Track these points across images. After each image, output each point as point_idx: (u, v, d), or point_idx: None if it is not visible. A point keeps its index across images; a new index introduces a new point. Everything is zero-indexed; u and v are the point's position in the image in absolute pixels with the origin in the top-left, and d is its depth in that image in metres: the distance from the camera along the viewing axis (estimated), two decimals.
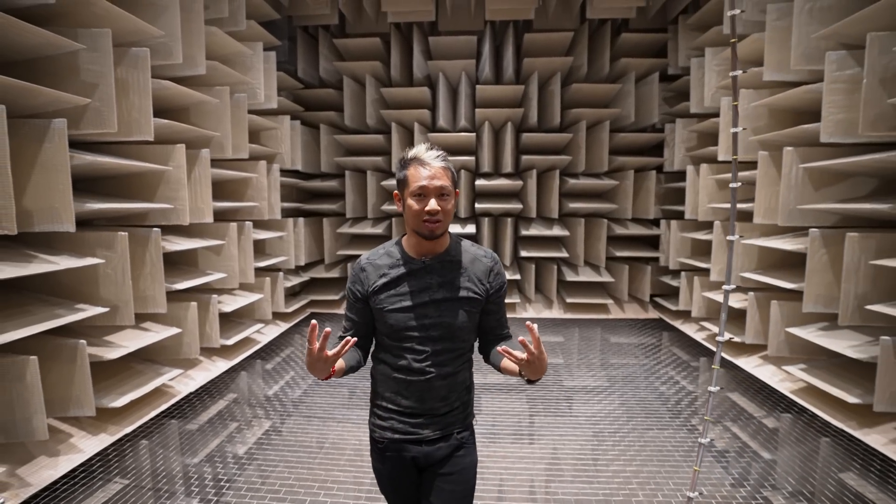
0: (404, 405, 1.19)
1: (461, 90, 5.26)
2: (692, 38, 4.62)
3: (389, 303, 1.16)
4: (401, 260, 1.18)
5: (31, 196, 2.16)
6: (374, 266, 1.19)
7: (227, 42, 3.65)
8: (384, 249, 1.22)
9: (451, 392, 1.21)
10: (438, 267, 1.17)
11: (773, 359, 3.41)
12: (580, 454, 2.54)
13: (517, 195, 5.47)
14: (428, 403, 1.19)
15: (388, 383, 1.21)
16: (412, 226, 1.13)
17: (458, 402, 1.24)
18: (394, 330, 1.16)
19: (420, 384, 1.17)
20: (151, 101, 2.71)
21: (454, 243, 1.22)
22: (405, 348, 1.17)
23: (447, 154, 1.17)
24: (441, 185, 1.10)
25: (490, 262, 1.22)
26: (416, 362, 1.16)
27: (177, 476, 2.36)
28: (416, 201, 1.10)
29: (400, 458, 1.21)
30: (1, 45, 2.09)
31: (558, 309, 5.49)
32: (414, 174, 1.11)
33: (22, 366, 2.04)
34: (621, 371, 3.78)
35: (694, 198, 4.55)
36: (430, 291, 1.15)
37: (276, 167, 4.56)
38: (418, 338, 1.15)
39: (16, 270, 2.06)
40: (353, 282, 1.22)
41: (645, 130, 5.44)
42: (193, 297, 3.36)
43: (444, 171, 1.12)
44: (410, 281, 1.16)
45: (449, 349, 1.18)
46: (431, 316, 1.15)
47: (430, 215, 1.09)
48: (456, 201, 1.18)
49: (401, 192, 1.16)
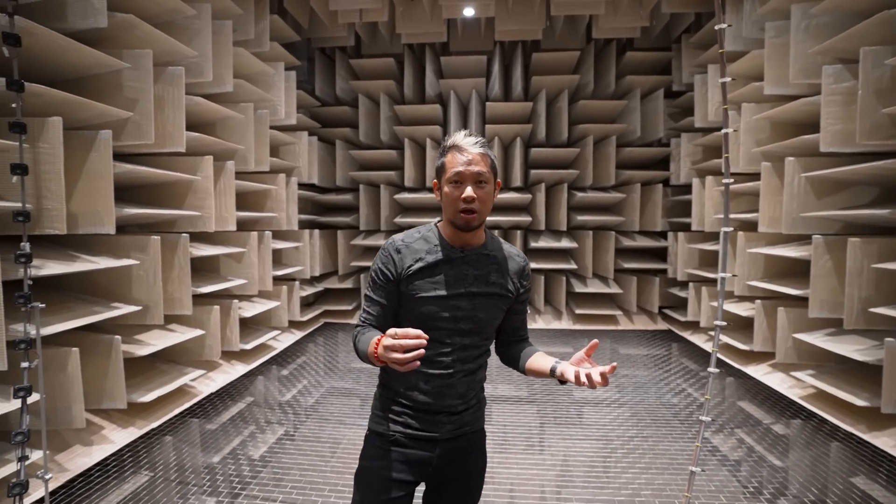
0: (420, 401, 1.13)
1: (472, 107, 5.47)
2: (695, 55, 4.79)
3: (423, 290, 1.10)
4: (438, 246, 1.13)
5: (78, 200, 2.34)
6: (411, 249, 1.12)
7: (252, 62, 3.89)
8: (420, 233, 1.16)
9: (470, 389, 1.16)
10: (475, 259, 1.13)
11: (782, 365, 3.45)
12: (591, 462, 2.54)
13: (526, 208, 5.61)
14: (446, 400, 1.13)
15: (405, 376, 1.12)
16: (448, 215, 1.10)
17: (474, 399, 1.20)
18: (423, 319, 1.09)
19: (440, 379, 1.11)
20: (184, 116, 2.91)
21: (490, 238, 1.18)
22: (433, 339, 1.07)
23: (486, 141, 1.14)
24: (478, 172, 1.06)
25: (523, 261, 1.21)
26: (441, 356, 1.10)
27: (198, 472, 2.44)
28: (453, 188, 1.07)
29: (405, 459, 1.13)
30: (61, 64, 2.30)
31: (567, 320, 5.55)
32: (451, 160, 1.08)
33: (64, 357, 2.19)
34: (631, 381, 3.81)
35: (700, 209, 4.65)
36: (465, 283, 1.11)
37: (294, 180, 4.76)
38: (448, 330, 1.10)
39: (63, 268, 2.22)
40: (385, 262, 1.13)
41: (651, 145, 5.58)
42: (216, 302, 3.51)
43: (483, 157, 1.08)
44: (447, 270, 1.11)
45: (475, 345, 1.14)
46: (464, 308, 1.10)
47: (466, 202, 1.05)
48: (495, 192, 1.13)
49: (438, 180, 1.13)
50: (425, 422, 1.14)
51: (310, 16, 5.09)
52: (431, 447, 1.14)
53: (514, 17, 4.97)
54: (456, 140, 1.11)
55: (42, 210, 2.12)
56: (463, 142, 1.09)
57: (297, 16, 4.92)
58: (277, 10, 4.60)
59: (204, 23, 3.16)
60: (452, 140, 1.12)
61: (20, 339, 1.60)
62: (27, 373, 1.60)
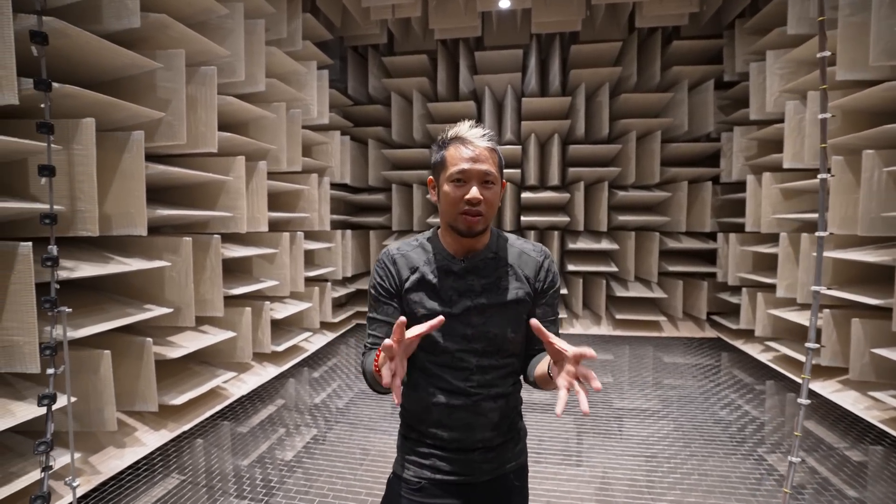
0: (448, 438, 0.97)
1: (507, 103, 5.28)
2: (750, 42, 4.42)
3: (424, 307, 0.97)
4: (437, 256, 0.99)
5: (112, 202, 2.34)
6: (408, 259, 1.00)
7: (284, 61, 3.86)
8: (417, 241, 1.03)
9: (504, 418, 1.00)
10: (481, 266, 0.98)
11: (856, 383, 3.09)
12: (633, 478, 2.38)
13: (564, 208, 5.37)
14: (478, 434, 0.97)
15: (426, 412, 0.99)
16: (448, 219, 0.95)
17: (511, 431, 1.03)
18: (429, 341, 0.96)
19: (466, 409, 0.96)
20: (216, 116, 2.89)
21: (496, 237, 1.03)
22: (443, 364, 0.97)
23: (494, 134, 1.01)
24: (486, 170, 0.91)
25: (539, 255, 1.02)
26: (458, 380, 0.96)
27: (228, 476, 2.41)
28: (455, 188, 0.92)
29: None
30: (95, 66, 2.30)
31: (607, 325, 5.28)
32: (453, 155, 0.93)
33: (97, 359, 2.18)
34: (677, 392, 3.56)
35: (756, 209, 4.29)
36: (471, 296, 0.97)
37: (327, 180, 4.72)
38: (458, 351, 0.96)
39: (96, 269, 2.22)
40: (382, 276, 1.00)
41: (699, 140, 5.22)
42: (247, 303, 3.49)
43: (491, 153, 0.94)
44: (448, 282, 0.97)
45: (496, 365, 0.98)
46: (474, 325, 0.96)
47: (471, 205, 0.90)
48: (502, 194, 0.98)
49: (436, 178, 0.97)
50: (458, 463, 0.98)
51: (342, 14, 5.05)
52: (466, 494, 0.98)
53: (552, 9, 4.74)
54: (460, 131, 0.96)
55: (76, 212, 2.11)
56: (468, 133, 0.94)
57: (330, 14, 4.88)
58: (310, 8, 4.56)
59: (236, 22, 3.13)
60: (455, 131, 0.96)
61: (45, 344, 1.57)
62: (53, 379, 1.57)
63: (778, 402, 3.41)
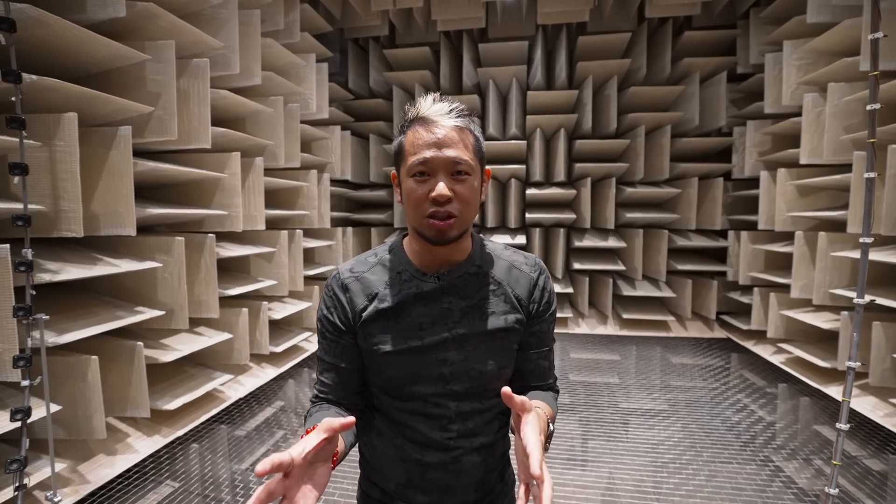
0: (420, 502, 0.79)
1: (511, 97, 5.14)
2: (766, 32, 4.25)
3: (386, 341, 0.76)
4: (402, 274, 0.78)
5: (99, 201, 2.24)
6: (363, 282, 0.78)
7: (282, 53, 3.74)
8: (376, 257, 0.82)
9: (490, 472, 0.82)
10: (460, 285, 0.77)
11: (876, 389, 2.97)
12: (639, 481, 2.31)
13: (570, 205, 5.24)
14: (458, 496, 0.79)
15: (392, 469, 0.80)
16: (413, 222, 0.74)
17: (499, 483, 0.85)
18: (394, 384, 0.77)
19: (443, 468, 0.77)
20: (210, 111, 2.78)
21: (479, 246, 0.82)
22: (414, 412, 0.77)
23: (467, 109, 0.75)
24: (454, 158, 0.70)
25: (533, 271, 0.82)
26: (433, 431, 0.77)
27: (223, 483, 2.33)
28: (417, 183, 0.71)
29: None
30: (79, 57, 2.19)
31: (613, 325, 5.16)
32: (413, 140, 0.72)
33: (84, 365, 2.09)
34: (685, 394, 3.45)
35: (769, 206, 4.14)
36: (448, 323, 0.76)
37: (327, 176, 4.61)
38: (433, 395, 0.76)
39: (82, 272, 2.12)
40: (330, 306, 0.79)
41: (710, 135, 5.07)
42: (245, 304, 3.40)
43: (462, 132, 0.72)
44: (418, 307, 0.76)
45: (480, 409, 0.79)
46: (453, 361, 0.76)
47: (437, 204, 0.70)
48: (484, 186, 0.76)
49: (397, 171, 0.76)
50: None
51: (342, 4, 4.91)
52: None
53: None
54: (421, 109, 0.73)
55: (59, 212, 2.01)
56: (430, 111, 0.72)
57: (329, 5, 4.75)
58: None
59: (230, 12, 3.01)
60: (416, 109, 0.74)
61: (19, 354, 1.47)
62: (28, 391, 1.47)
63: (791, 406, 3.29)
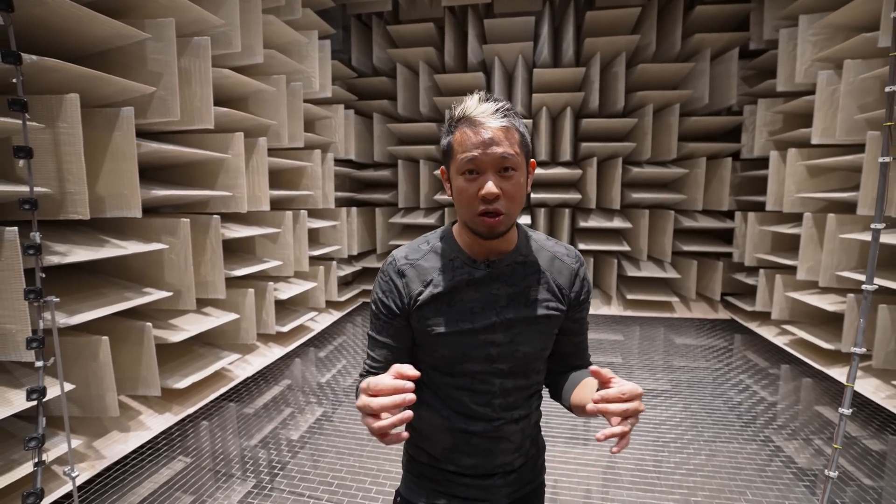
0: (466, 465, 0.89)
1: (517, 74, 5.04)
2: (781, 6, 4.12)
3: (441, 324, 0.83)
4: (455, 261, 0.84)
5: (104, 183, 2.24)
6: (418, 269, 0.85)
7: (283, 31, 3.67)
8: (429, 245, 0.88)
9: (526, 438, 0.92)
10: (507, 273, 0.84)
11: (879, 371, 2.98)
12: (640, 460, 2.36)
13: (575, 185, 5.19)
14: (498, 458, 0.89)
15: (440, 436, 0.89)
16: (464, 217, 0.80)
17: (533, 448, 0.96)
18: (446, 362, 0.85)
19: (486, 435, 0.87)
20: (212, 90, 2.75)
21: (524, 237, 0.88)
22: (461, 387, 0.86)
23: (511, 106, 0.79)
24: (502, 154, 0.74)
25: (574, 262, 0.90)
26: (479, 406, 0.86)
27: (234, 458, 2.40)
28: (467, 181, 0.76)
29: None
30: (79, 36, 2.16)
31: (618, 306, 5.18)
32: (462, 140, 0.77)
33: (95, 345, 2.13)
34: (687, 375, 3.48)
35: (778, 187, 4.09)
36: (496, 308, 0.83)
37: (330, 156, 4.58)
38: (480, 373, 0.85)
39: (90, 254, 2.14)
40: (386, 290, 0.86)
41: (720, 113, 4.97)
42: (251, 284, 3.43)
43: (508, 132, 0.76)
44: (469, 293, 0.83)
45: (521, 387, 0.88)
46: (500, 343, 0.83)
47: (487, 202, 0.75)
48: (530, 178, 0.82)
49: (447, 168, 0.82)
50: (475, 489, 0.90)
51: None
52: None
53: None
54: (467, 109, 0.78)
55: (65, 194, 2.02)
56: (477, 112, 0.76)
57: None
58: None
59: None
60: (462, 109, 0.79)
61: (32, 336, 1.50)
62: (42, 371, 1.51)
63: (793, 387, 3.32)
